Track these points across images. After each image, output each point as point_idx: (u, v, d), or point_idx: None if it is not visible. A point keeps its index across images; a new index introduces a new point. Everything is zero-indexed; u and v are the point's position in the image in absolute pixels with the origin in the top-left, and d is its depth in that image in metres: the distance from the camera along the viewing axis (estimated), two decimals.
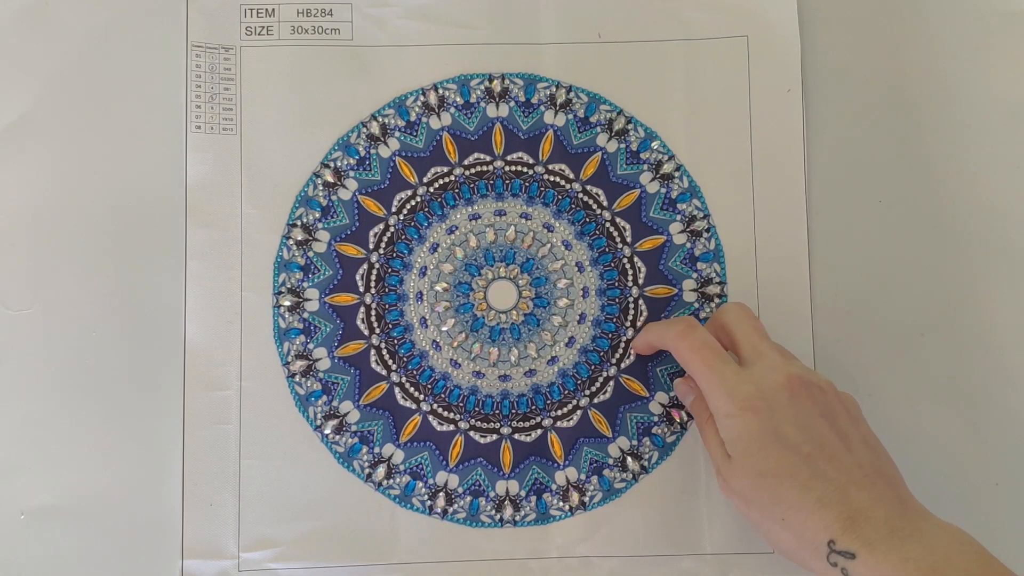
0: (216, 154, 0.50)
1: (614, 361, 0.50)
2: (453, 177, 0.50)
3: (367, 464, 0.49)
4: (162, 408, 0.48)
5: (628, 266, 0.50)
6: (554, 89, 0.51)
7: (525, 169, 0.50)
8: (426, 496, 0.48)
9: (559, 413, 0.49)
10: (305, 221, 0.50)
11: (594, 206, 0.50)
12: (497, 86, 0.51)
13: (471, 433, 0.49)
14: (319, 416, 0.49)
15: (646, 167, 0.51)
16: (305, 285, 0.49)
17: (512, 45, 0.51)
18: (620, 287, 0.50)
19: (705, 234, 0.50)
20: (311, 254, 0.50)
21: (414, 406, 0.49)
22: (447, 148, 0.50)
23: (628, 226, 0.50)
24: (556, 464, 0.49)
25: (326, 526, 0.48)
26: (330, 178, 0.50)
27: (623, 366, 0.50)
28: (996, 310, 0.50)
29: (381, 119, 0.50)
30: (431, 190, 0.50)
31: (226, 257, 0.49)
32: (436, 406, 0.49)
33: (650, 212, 0.50)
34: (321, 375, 0.49)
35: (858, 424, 0.43)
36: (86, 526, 0.48)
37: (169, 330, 0.49)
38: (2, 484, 0.48)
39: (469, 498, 0.48)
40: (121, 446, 0.48)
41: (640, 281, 0.50)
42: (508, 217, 0.50)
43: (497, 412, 0.49)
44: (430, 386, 0.49)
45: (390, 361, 0.49)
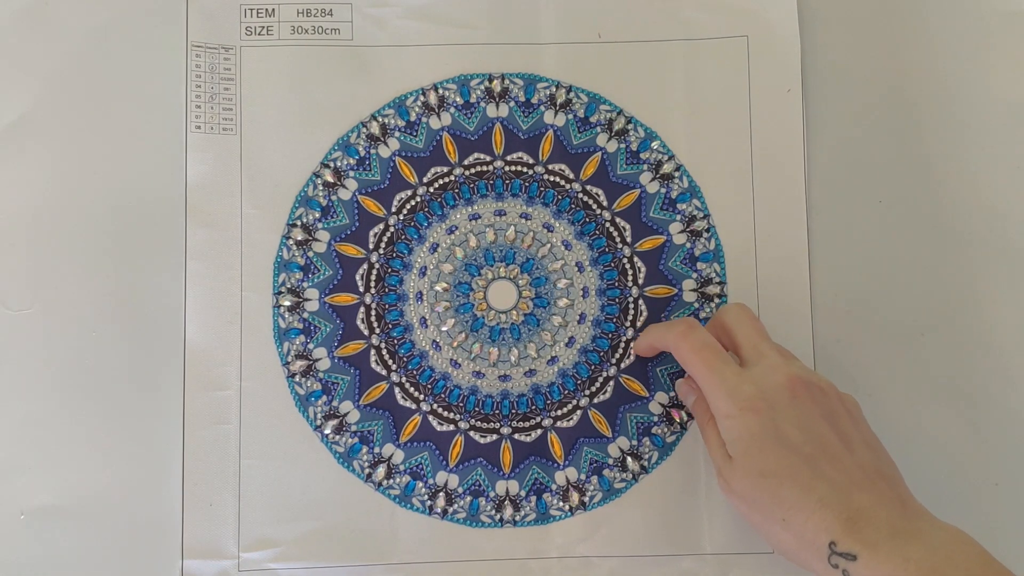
0: (216, 154, 0.50)
1: (614, 361, 0.50)
2: (453, 177, 0.50)
3: (367, 464, 0.49)
4: (162, 408, 0.48)
5: (628, 266, 0.50)
6: (554, 89, 0.51)
7: (525, 169, 0.50)
8: (426, 496, 0.48)
9: (559, 413, 0.49)
10: (305, 221, 0.50)
11: (594, 206, 0.50)
12: (497, 86, 0.51)
13: (471, 433, 0.49)
14: (319, 416, 0.49)
15: (646, 167, 0.51)
16: (305, 285, 0.49)
17: (512, 45, 0.51)
18: (620, 287, 0.50)
19: (705, 234, 0.50)
20: (311, 254, 0.50)
21: (414, 406, 0.49)
22: (447, 148, 0.50)
23: (628, 226, 0.50)
24: (556, 464, 0.49)
25: (326, 526, 0.48)
26: (330, 178, 0.50)
27: (623, 366, 0.50)
28: (996, 310, 0.50)
29: (381, 119, 0.50)
30: (431, 190, 0.50)
31: (226, 257, 0.49)
32: (436, 406, 0.49)
33: (650, 212, 0.50)
34: (321, 375, 0.49)
35: (859, 425, 0.43)
36: (86, 526, 0.48)
37: (169, 330, 0.49)
38: (2, 484, 0.48)
39: (469, 498, 0.48)
40: (121, 446, 0.48)
41: (640, 281, 0.50)
42: (508, 217, 0.50)
43: (497, 412, 0.49)
44: (430, 386, 0.49)
45: (390, 361, 0.49)
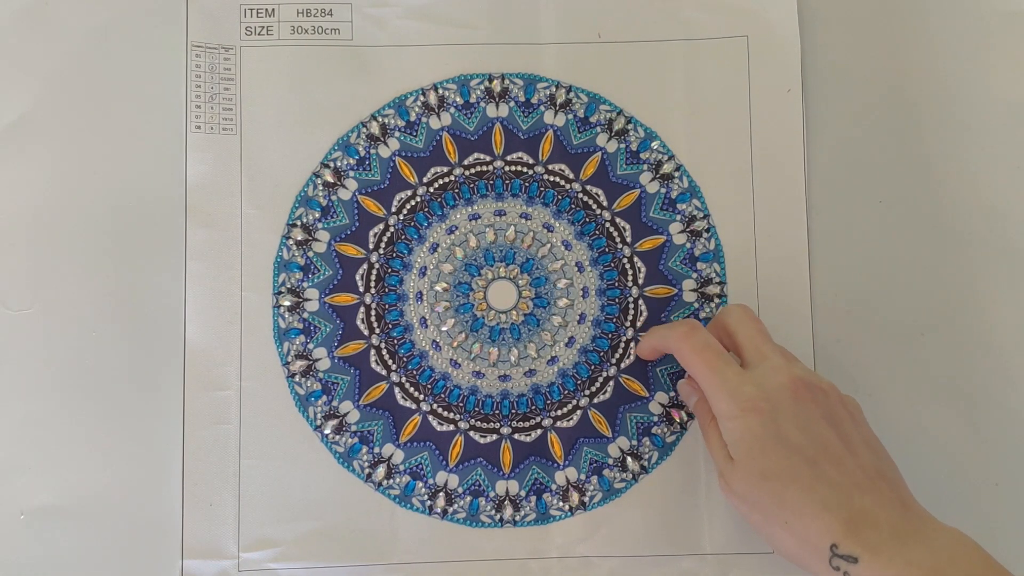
0: (216, 154, 0.50)
1: (614, 361, 0.50)
2: (453, 177, 0.50)
3: (367, 464, 0.49)
4: (162, 408, 0.48)
5: (628, 266, 0.50)
6: (554, 89, 0.51)
7: (525, 169, 0.50)
8: (426, 496, 0.48)
9: (559, 413, 0.49)
10: (305, 221, 0.50)
11: (594, 206, 0.50)
12: (497, 86, 0.51)
13: (471, 433, 0.49)
14: (319, 416, 0.49)
15: (646, 167, 0.51)
16: (305, 285, 0.49)
17: (512, 45, 0.51)
18: (620, 287, 0.50)
19: (705, 234, 0.50)
20: (311, 254, 0.50)
21: (414, 406, 0.49)
22: (447, 148, 0.50)
23: (628, 226, 0.50)
24: (556, 464, 0.49)
25: (326, 526, 0.48)
26: (330, 178, 0.50)
27: (623, 366, 0.50)
28: (996, 310, 0.50)
29: (381, 119, 0.50)
30: (431, 190, 0.50)
31: (226, 257, 0.49)
32: (436, 406, 0.49)
33: (650, 212, 0.50)
34: (321, 375, 0.49)
35: (860, 426, 0.43)
36: (86, 526, 0.48)
37: (169, 330, 0.49)
38: (2, 484, 0.48)
39: (469, 498, 0.48)
40: (121, 446, 0.48)
41: (640, 281, 0.50)
42: (508, 217, 0.50)
43: (497, 412, 0.49)
44: (430, 386, 0.49)
45: (390, 361, 0.49)
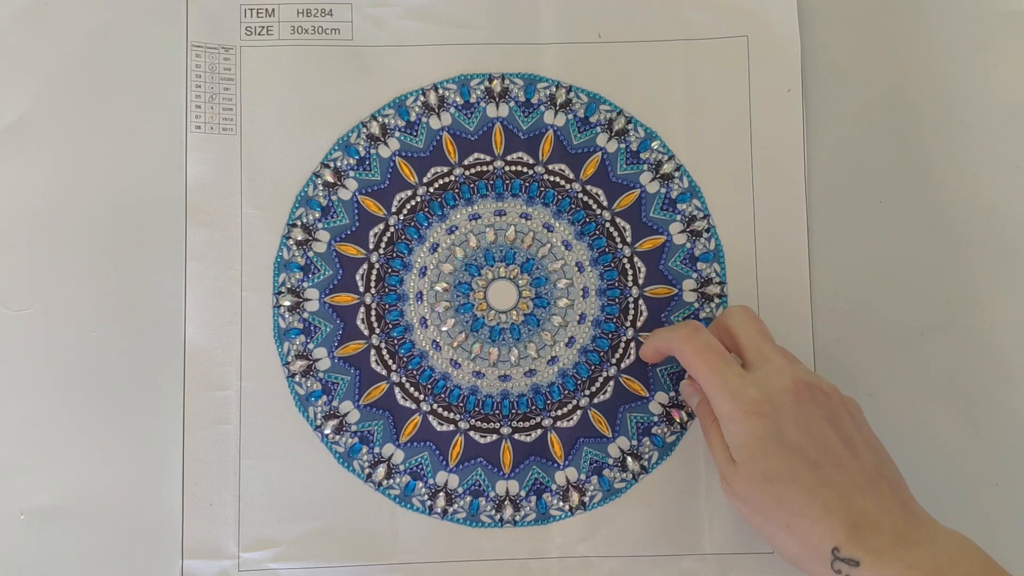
0: (216, 154, 0.50)
1: (614, 361, 0.50)
2: (453, 177, 0.50)
3: (367, 464, 0.49)
4: (162, 408, 0.48)
5: (628, 266, 0.50)
6: (554, 89, 0.51)
7: (525, 169, 0.50)
8: (426, 496, 0.48)
9: (559, 413, 0.49)
10: (305, 221, 0.50)
11: (594, 206, 0.50)
12: (497, 86, 0.51)
13: (471, 433, 0.49)
14: (319, 416, 0.49)
15: (646, 167, 0.51)
16: (305, 285, 0.49)
17: (512, 45, 0.51)
18: (620, 287, 0.50)
19: (705, 234, 0.50)
20: (311, 254, 0.50)
21: (414, 406, 0.49)
22: (447, 148, 0.50)
23: (628, 226, 0.50)
24: (556, 464, 0.49)
25: (326, 526, 0.48)
26: (330, 178, 0.50)
27: (623, 366, 0.50)
28: (996, 310, 0.50)
29: (381, 119, 0.50)
30: (431, 190, 0.50)
31: (226, 257, 0.49)
32: (436, 406, 0.49)
33: (650, 212, 0.50)
34: (321, 375, 0.49)
35: (862, 428, 0.43)
36: (86, 526, 0.48)
37: (169, 330, 0.49)
38: (2, 484, 0.48)
39: (469, 498, 0.48)
40: (121, 446, 0.48)
41: (640, 281, 0.50)
42: (508, 217, 0.50)
43: (497, 412, 0.49)
44: (430, 386, 0.49)
45: (390, 361, 0.49)
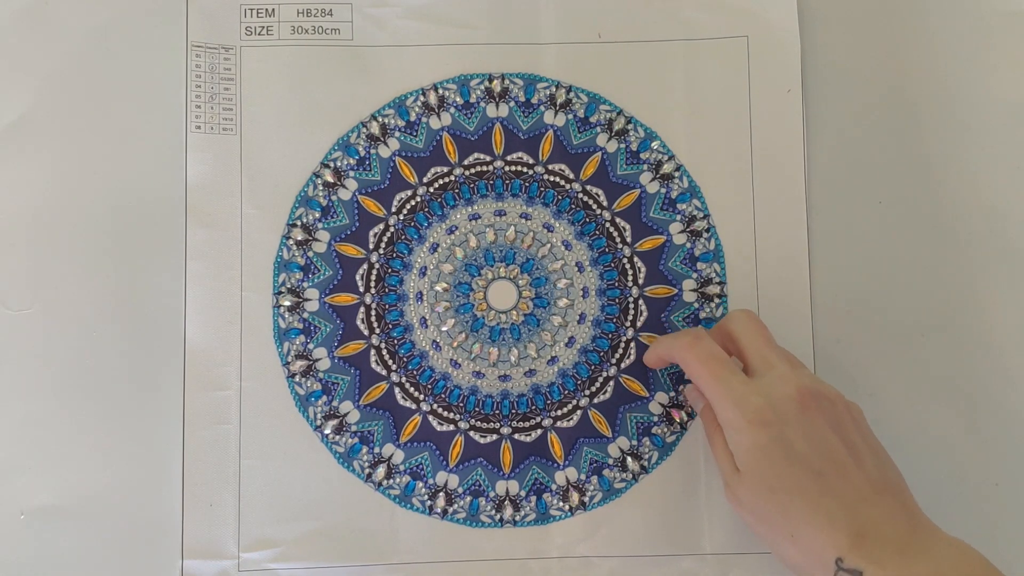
0: (216, 154, 0.50)
1: (614, 361, 0.50)
2: (453, 177, 0.50)
3: (367, 464, 0.49)
4: (162, 408, 0.48)
5: (628, 266, 0.50)
6: (554, 89, 0.51)
7: (525, 169, 0.50)
8: (426, 496, 0.48)
9: (559, 413, 0.49)
10: (305, 221, 0.50)
11: (594, 206, 0.50)
12: (497, 86, 0.51)
13: (471, 433, 0.49)
14: (319, 416, 0.49)
15: (646, 167, 0.51)
16: (305, 285, 0.49)
17: (512, 45, 0.51)
18: (620, 287, 0.50)
19: (705, 234, 0.50)
20: (311, 254, 0.50)
21: (414, 406, 0.49)
22: (447, 148, 0.50)
23: (628, 226, 0.50)
24: (556, 464, 0.49)
25: (326, 526, 0.48)
26: (330, 178, 0.50)
27: (623, 366, 0.50)
28: (996, 310, 0.50)
29: (381, 119, 0.50)
30: (431, 190, 0.50)
31: (226, 257, 0.49)
32: (436, 406, 0.49)
33: (650, 212, 0.50)
34: (321, 375, 0.49)
35: (866, 435, 0.43)
36: (86, 526, 0.48)
37: (169, 330, 0.49)
38: (2, 484, 0.48)
39: (469, 498, 0.48)
40: (121, 446, 0.48)
41: (640, 281, 0.50)
42: (508, 217, 0.50)
43: (497, 412, 0.49)
44: (430, 386, 0.49)
45: (390, 361, 0.49)
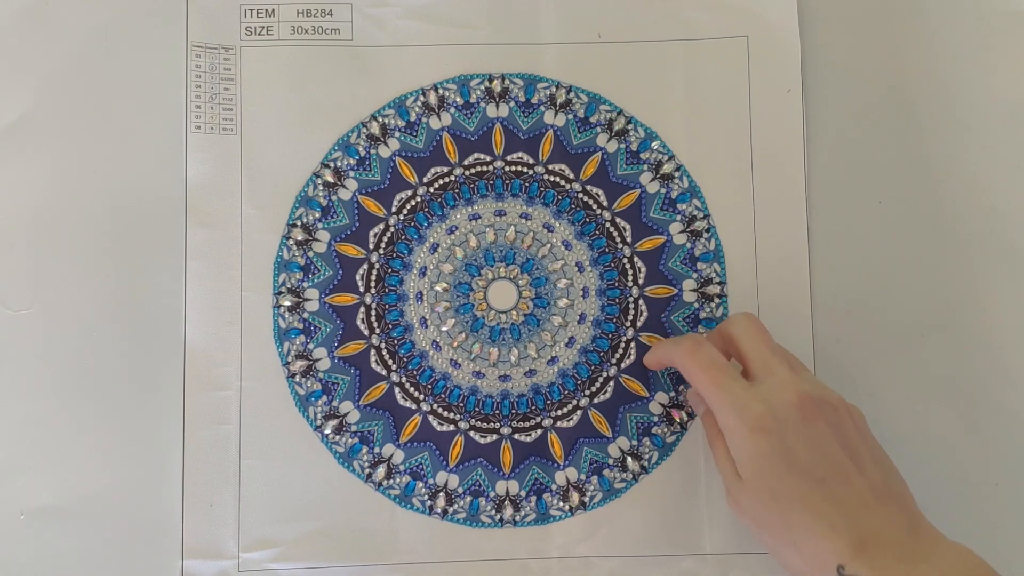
0: (216, 154, 0.50)
1: (614, 361, 0.50)
2: (453, 177, 0.50)
3: (367, 464, 0.49)
4: (162, 408, 0.48)
5: (628, 266, 0.50)
6: (554, 89, 0.51)
7: (525, 169, 0.50)
8: (426, 496, 0.48)
9: (559, 413, 0.49)
10: (305, 221, 0.50)
11: (594, 206, 0.50)
12: (497, 86, 0.51)
13: (471, 433, 0.49)
14: (319, 416, 0.49)
15: (646, 167, 0.51)
16: (305, 285, 0.49)
17: (512, 45, 0.51)
18: (620, 287, 0.50)
19: (705, 234, 0.50)
20: (311, 254, 0.50)
21: (414, 406, 0.49)
22: (447, 148, 0.50)
23: (628, 226, 0.50)
24: (556, 464, 0.49)
25: (326, 526, 0.48)
26: (330, 178, 0.50)
27: (623, 366, 0.50)
28: (996, 310, 0.50)
29: (381, 119, 0.50)
30: (431, 190, 0.50)
31: (226, 257, 0.49)
32: (436, 406, 0.49)
33: (650, 212, 0.50)
34: (321, 375, 0.49)
35: (867, 440, 0.43)
36: (86, 526, 0.48)
37: (169, 330, 0.49)
38: (2, 484, 0.48)
39: (469, 498, 0.48)
40: (121, 446, 0.48)
41: (640, 281, 0.50)
42: (508, 217, 0.50)
43: (497, 412, 0.49)
44: (430, 386, 0.49)
45: (390, 361, 0.49)
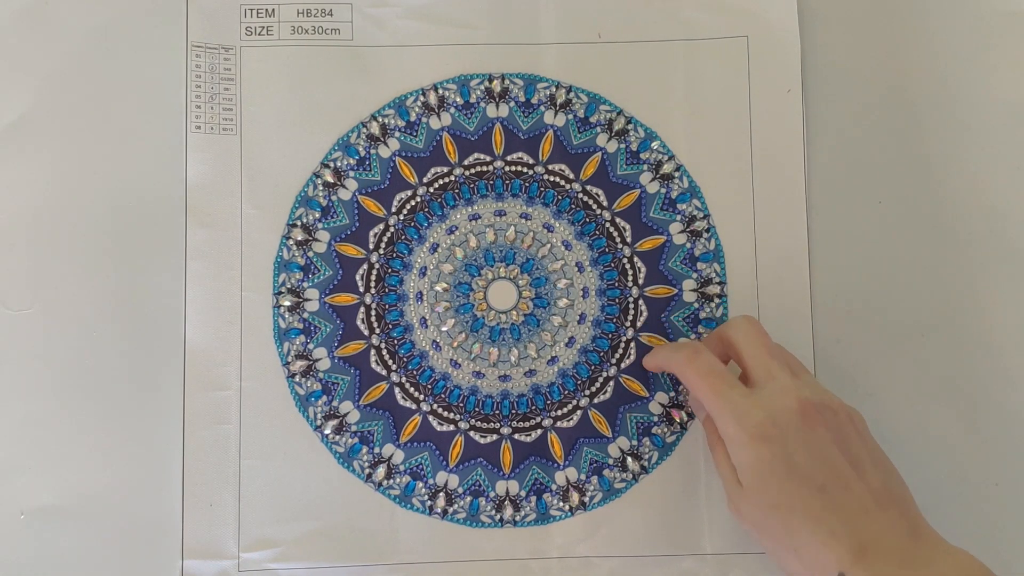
0: (216, 154, 0.50)
1: (614, 361, 0.50)
2: (453, 177, 0.50)
3: (367, 464, 0.49)
4: (162, 408, 0.48)
5: (628, 266, 0.50)
6: (554, 89, 0.51)
7: (525, 169, 0.50)
8: (426, 496, 0.48)
9: (559, 413, 0.49)
10: (305, 221, 0.50)
11: (594, 206, 0.50)
12: (497, 86, 0.51)
13: (471, 433, 0.49)
14: (319, 416, 0.49)
15: (646, 167, 0.51)
16: (305, 285, 0.49)
17: (512, 45, 0.51)
18: (620, 287, 0.50)
19: (705, 234, 0.50)
20: (311, 254, 0.50)
21: (414, 406, 0.49)
22: (447, 148, 0.50)
23: (628, 226, 0.50)
24: (556, 464, 0.49)
25: (326, 526, 0.48)
26: (330, 178, 0.50)
27: (623, 366, 0.50)
28: (996, 310, 0.50)
29: (381, 119, 0.50)
30: (431, 190, 0.50)
31: (226, 257, 0.49)
32: (436, 406, 0.49)
33: (650, 212, 0.50)
34: (321, 375, 0.49)
35: (867, 444, 0.43)
36: (86, 526, 0.48)
37: (169, 330, 0.49)
38: (2, 484, 0.48)
39: (469, 498, 0.48)
40: (121, 446, 0.48)
41: (640, 281, 0.50)
42: (508, 217, 0.50)
43: (497, 412, 0.49)
44: (430, 386, 0.49)
45: (390, 361, 0.49)
